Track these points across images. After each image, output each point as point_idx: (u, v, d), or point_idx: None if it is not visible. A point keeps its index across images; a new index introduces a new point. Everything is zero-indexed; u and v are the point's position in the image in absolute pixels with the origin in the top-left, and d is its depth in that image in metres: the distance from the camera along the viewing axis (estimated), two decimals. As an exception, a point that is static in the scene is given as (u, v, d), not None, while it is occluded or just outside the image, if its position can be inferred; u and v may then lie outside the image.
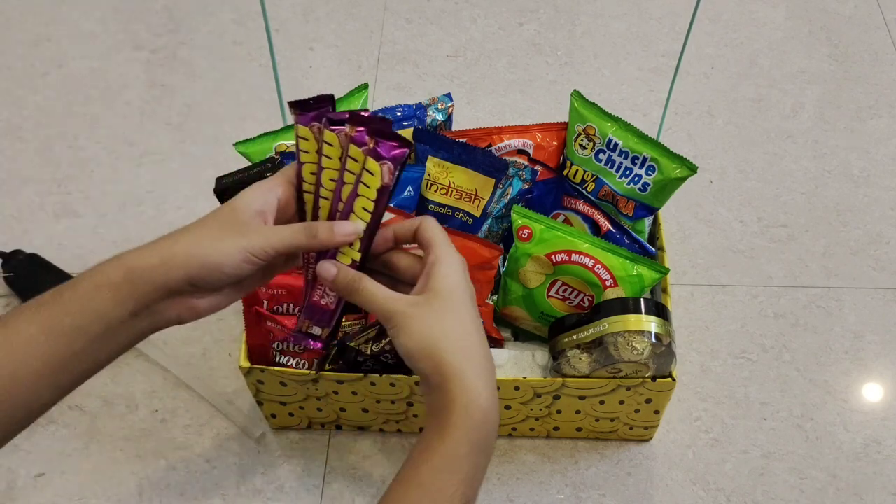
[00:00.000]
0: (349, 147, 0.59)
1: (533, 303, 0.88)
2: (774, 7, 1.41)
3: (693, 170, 0.87)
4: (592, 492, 0.93)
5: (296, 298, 0.86)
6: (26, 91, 1.30)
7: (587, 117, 0.91)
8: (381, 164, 0.58)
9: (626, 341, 0.79)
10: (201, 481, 0.94)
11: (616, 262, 0.84)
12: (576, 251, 0.84)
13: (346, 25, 1.39)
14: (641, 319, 0.79)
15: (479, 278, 0.87)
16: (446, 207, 0.90)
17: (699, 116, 1.27)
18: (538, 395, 0.87)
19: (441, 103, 0.94)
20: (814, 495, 0.93)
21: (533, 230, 0.85)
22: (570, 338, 0.83)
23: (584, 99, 0.92)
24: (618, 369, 0.82)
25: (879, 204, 1.17)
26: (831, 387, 1.01)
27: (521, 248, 0.86)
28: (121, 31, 1.38)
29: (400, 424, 0.95)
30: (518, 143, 0.94)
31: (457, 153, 0.89)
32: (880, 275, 1.10)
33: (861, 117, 1.27)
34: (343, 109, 0.83)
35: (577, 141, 0.91)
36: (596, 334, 0.80)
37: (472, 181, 0.89)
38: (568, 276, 0.85)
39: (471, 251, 0.85)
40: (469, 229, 0.90)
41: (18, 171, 1.21)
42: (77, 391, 0.82)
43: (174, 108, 1.28)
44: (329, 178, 0.61)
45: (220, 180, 0.86)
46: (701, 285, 1.10)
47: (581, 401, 0.87)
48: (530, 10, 1.40)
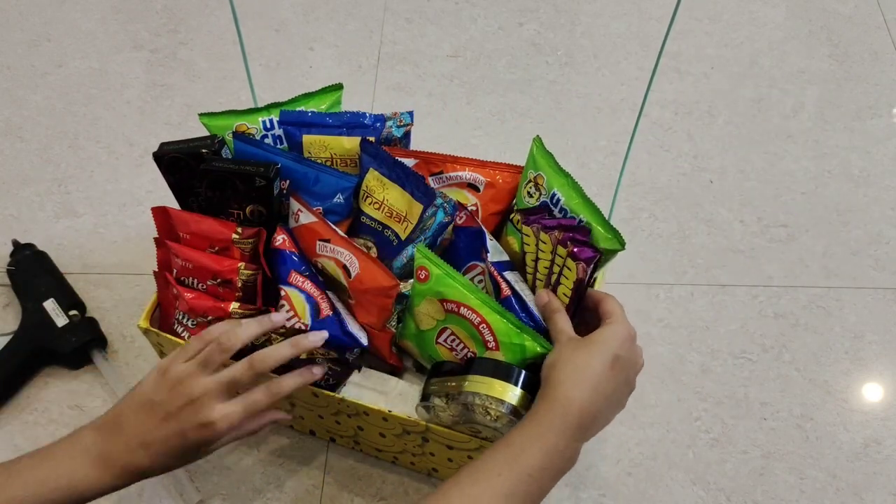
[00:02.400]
0: (557, 248, 0.80)
1: (423, 343, 0.86)
2: (774, 7, 1.41)
3: (622, 245, 0.81)
4: (592, 492, 0.93)
5: (199, 275, 0.86)
6: (26, 91, 1.30)
7: (540, 165, 0.88)
8: (577, 264, 0.78)
9: (483, 404, 0.76)
10: (201, 481, 0.94)
11: (502, 326, 0.80)
12: (465, 304, 0.81)
13: (346, 25, 1.39)
14: (506, 388, 0.76)
15: (377, 303, 0.85)
16: (377, 223, 0.90)
17: (699, 116, 1.27)
18: (407, 433, 0.85)
19: (401, 120, 0.94)
20: (814, 495, 0.93)
21: (430, 273, 0.83)
22: (440, 384, 0.81)
23: (542, 146, 0.89)
24: (477, 430, 0.80)
25: (879, 204, 1.17)
26: (831, 387, 1.01)
27: (418, 289, 0.84)
28: (121, 31, 1.38)
29: (292, 421, 0.95)
30: (470, 177, 0.93)
31: (396, 172, 0.88)
32: (880, 275, 1.10)
33: (861, 117, 1.27)
34: (313, 107, 0.93)
35: (526, 187, 0.89)
36: (458, 388, 0.78)
37: (404, 203, 0.88)
38: (457, 327, 0.83)
39: (371, 275, 0.84)
40: (393, 249, 0.89)
41: (18, 171, 1.21)
42: (77, 391, 0.83)
43: (174, 108, 1.28)
44: (543, 265, 0.83)
45: (162, 146, 0.89)
46: (701, 285, 1.10)
47: (450, 450, 0.86)
48: (530, 9, 1.40)
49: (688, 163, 1.22)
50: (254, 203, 0.87)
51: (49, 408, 0.98)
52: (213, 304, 0.85)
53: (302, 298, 0.85)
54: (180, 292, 0.86)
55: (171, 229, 0.89)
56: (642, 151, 1.23)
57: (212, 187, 0.87)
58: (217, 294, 0.86)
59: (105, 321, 1.04)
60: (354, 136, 0.92)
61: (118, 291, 1.07)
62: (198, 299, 0.85)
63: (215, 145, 0.87)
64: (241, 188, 0.86)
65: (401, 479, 0.94)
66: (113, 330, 1.04)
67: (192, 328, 0.87)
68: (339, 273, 0.86)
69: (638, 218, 1.16)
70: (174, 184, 0.89)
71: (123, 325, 1.05)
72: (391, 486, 0.94)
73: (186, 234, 0.87)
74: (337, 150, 0.92)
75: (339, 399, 0.84)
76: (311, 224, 0.88)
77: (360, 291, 0.85)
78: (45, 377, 1.00)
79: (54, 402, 0.99)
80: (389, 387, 0.88)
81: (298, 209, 0.88)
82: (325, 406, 0.87)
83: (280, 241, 0.87)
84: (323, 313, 0.85)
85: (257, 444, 0.96)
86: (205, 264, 0.86)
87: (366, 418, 0.86)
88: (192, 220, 0.87)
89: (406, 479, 0.94)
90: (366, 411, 0.84)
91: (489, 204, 0.92)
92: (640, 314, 1.07)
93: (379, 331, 0.87)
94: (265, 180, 0.85)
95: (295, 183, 0.89)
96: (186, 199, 0.90)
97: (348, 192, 0.90)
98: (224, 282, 0.86)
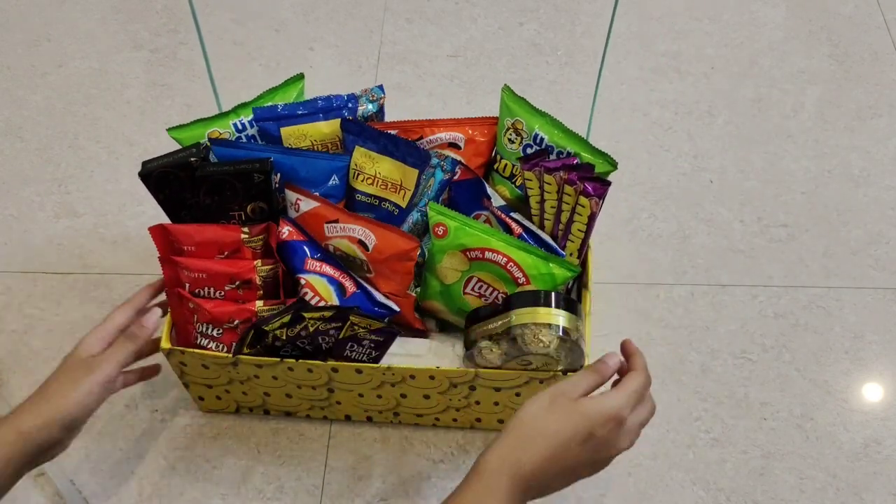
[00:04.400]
0: (563, 187, 0.85)
1: (450, 298, 0.89)
2: (774, 7, 1.41)
3: (613, 165, 0.88)
4: (593, 492, 0.93)
5: (215, 282, 0.86)
6: (26, 91, 1.30)
7: (516, 112, 0.92)
8: (590, 199, 0.83)
9: (533, 333, 0.80)
10: (201, 481, 0.94)
11: (529, 260, 0.84)
12: (489, 248, 0.85)
13: (346, 25, 1.39)
14: (550, 312, 0.80)
15: (398, 269, 0.88)
16: (373, 198, 0.91)
17: (699, 116, 1.27)
18: (454, 385, 0.87)
19: (373, 95, 0.95)
20: (814, 495, 0.93)
21: (448, 227, 0.86)
22: (482, 329, 0.84)
23: (513, 94, 0.93)
24: (528, 362, 0.83)
25: (879, 204, 1.17)
26: (831, 387, 1.01)
27: (437, 245, 0.87)
28: (121, 31, 1.38)
29: (325, 411, 0.95)
30: (449, 137, 0.95)
31: (382, 144, 0.89)
32: (880, 275, 1.10)
33: (861, 117, 1.27)
34: (280, 100, 0.95)
35: (506, 135, 0.93)
36: (505, 325, 0.81)
37: (397, 172, 0.89)
38: (483, 273, 0.86)
39: (390, 242, 0.87)
40: (395, 220, 0.91)
41: (18, 171, 1.21)
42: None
43: (174, 108, 1.28)
44: (550, 206, 0.87)
45: (145, 164, 0.87)
46: (701, 285, 1.10)
47: (497, 392, 0.88)
48: (530, 9, 1.40)
49: (688, 163, 1.22)
50: (255, 200, 0.87)
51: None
52: (236, 308, 0.85)
53: (324, 282, 0.86)
54: (199, 304, 0.85)
55: (172, 245, 0.88)
56: (642, 151, 1.23)
57: (210, 193, 0.87)
58: (237, 297, 0.86)
59: (105, 321, 1.04)
60: (331, 119, 0.92)
61: (118, 291, 1.07)
62: (219, 307, 0.85)
63: (202, 152, 0.87)
64: (240, 188, 0.86)
65: (401, 479, 0.94)
66: (113, 330, 1.04)
67: (219, 337, 0.86)
68: (355, 249, 0.87)
69: (638, 218, 1.16)
70: (164, 200, 0.88)
71: (123, 325, 1.05)
72: (391, 486, 0.94)
73: (191, 246, 0.87)
74: (316, 137, 0.93)
75: (385, 369, 0.85)
76: (314, 210, 0.88)
77: (379, 261, 0.87)
78: (45, 377, 1.00)
79: (54, 402, 0.99)
80: (422, 349, 0.89)
81: (297, 199, 0.89)
82: (368, 381, 0.88)
83: (286, 233, 0.88)
84: (349, 291, 0.87)
85: (257, 444, 0.97)
86: (219, 271, 0.85)
87: (411, 382, 0.87)
88: (195, 231, 0.87)
89: (406, 480, 0.94)
90: (412, 374, 0.85)
91: (473, 158, 0.96)
92: (640, 314, 1.07)
93: (402, 297, 0.89)
94: (263, 175, 0.86)
95: (285, 174, 0.89)
96: (179, 213, 0.89)
97: (343, 172, 0.91)
98: (243, 283, 0.85)
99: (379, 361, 0.87)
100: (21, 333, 1.05)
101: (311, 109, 0.93)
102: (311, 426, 0.98)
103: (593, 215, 0.85)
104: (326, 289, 0.86)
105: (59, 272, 1.10)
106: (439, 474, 0.94)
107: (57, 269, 1.10)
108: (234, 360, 0.86)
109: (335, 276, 0.88)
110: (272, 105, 0.93)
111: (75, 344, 0.81)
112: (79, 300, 1.07)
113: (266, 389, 0.92)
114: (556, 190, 0.86)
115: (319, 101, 0.93)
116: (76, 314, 1.06)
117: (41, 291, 1.09)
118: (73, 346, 0.81)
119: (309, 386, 0.90)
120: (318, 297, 0.85)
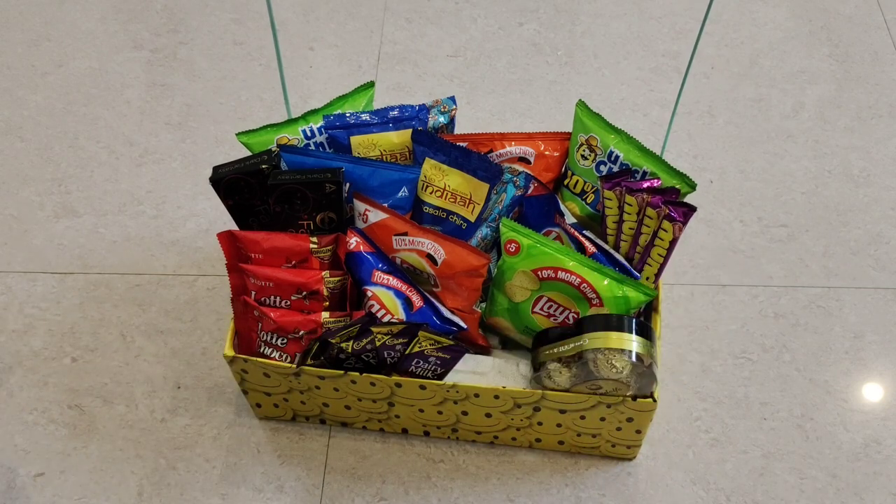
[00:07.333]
0: (645, 209, 0.83)
1: (518, 316, 0.88)
2: (775, 7, 1.41)
3: (692, 187, 0.86)
4: (592, 492, 0.93)
5: (282, 291, 0.86)
6: (26, 91, 1.30)
7: (590, 128, 0.90)
8: (674, 224, 0.81)
9: (606, 358, 0.78)
10: (201, 481, 0.94)
11: (603, 282, 0.83)
12: (562, 268, 0.83)
13: (346, 25, 1.39)
14: (623, 338, 0.79)
15: (466, 285, 0.87)
16: (441, 210, 0.90)
17: (699, 116, 1.27)
18: (518, 406, 0.86)
19: (444, 106, 0.94)
20: (814, 495, 0.93)
21: (521, 244, 0.85)
22: (552, 351, 0.82)
23: (588, 109, 0.91)
24: (598, 386, 0.82)
25: (879, 204, 1.17)
26: (831, 387, 1.01)
27: (508, 262, 0.85)
28: (121, 31, 1.38)
29: (382, 423, 0.95)
30: (519, 151, 0.94)
31: (453, 156, 0.89)
32: (880, 275, 1.10)
33: (861, 117, 1.27)
34: (349, 108, 0.93)
35: (579, 151, 0.91)
36: (577, 349, 0.80)
37: (467, 185, 0.88)
38: (554, 293, 0.85)
39: (460, 257, 0.85)
40: (462, 234, 0.89)
41: (18, 170, 1.21)
42: (77, 391, 0.83)
43: (174, 108, 1.28)
44: (628, 227, 0.85)
45: (216, 170, 0.86)
46: (701, 285, 1.10)
47: (562, 414, 0.87)
48: (530, 9, 1.40)
49: (688, 163, 1.22)
50: (324, 210, 0.87)
51: (49, 408, 0.98)
52: (302, 319, 0.85)
53: (391, 295, 0.86)
54: (264, 313, 0.85)
55: (239, 252, 0.87)
56: (642, 151, 1.23)
57: (280, 201, 0.86)
58: (303, 307, 0.85)
59: (105, 321, 1.04)
60: (401, 129, 0.92)
61: (118, 291, 1.07)
62: (285, 316, 0.85)
63: (274, 160, 0.86)
64: (310, 197, 0.85)
65: (401, 479, 0.94)
66: (113, 330, 1.04)
67: (283, 346, 0.86)
68: (424, 263, 0.86)
69: (638, 218, 1.16)
70: (233, 206, 0.88)
71: (124, 325, 1.05)
72: (391, 486, 0.94)
73: (258, 253, 0.86)
74: (386, 147, 0.92)
75: (450, 386, 0.84)
76: (382, 221, 0.87)
77: (448, 276, 0.86)
78: (45, 377, 1.00)
79: (54, 402, 0.99)
80: (486, 366, 0.88)
81: (366, 209, 0.88)
82: (431, 397, 0.87)
83: (354, 244, 0.87)
84: (416, 306, 0.86)
85: (257, 444, 0.97)
86: (287, 280, 0.84)
87: (475, 400, 0.86)
88: (263, 238, 0.86)
89: (406, 480, 0.94)
90: (476, 393, 0.84)
91: (543, 173, 0.94)
92: (640, 314, 1.07)
93: (467, 313, 0.88)
94: (335, 185, 0.85)
95: (354, 184, 0.89)
96: (247, 220, 0.89)
97: (412, 184, 0.90)
98: (310, 294, 0.85)
99: (444, 378, 0.86)
100: (21, 333, 1.05)
101: (382, 119, 0.92)
102: (312, 426, 0.98)
103: (674, 240, 0.83)
104: (393, 302, 0.85)
105: (59, 272, 1.10)
106: (439, 474, 0.94)
107: (57, 269, 1.11)
108: (297, 371, 0.85)
109: (402, 289, 0.87)
110: (341, 113, 0.92)
111: (74, 344, 0.80)
112: (79, 300, 1.07)
113: (325, 400, 0.91)
114: (637, 212, 0.84)
115: (390, 111, 0.92)
116: (76, 314, 1.06)
117: (41, 291, 1.09)
118: (72, 346, 0.80)
119: (370, 399, 0.89)
120: (385, 310, 0.85)
